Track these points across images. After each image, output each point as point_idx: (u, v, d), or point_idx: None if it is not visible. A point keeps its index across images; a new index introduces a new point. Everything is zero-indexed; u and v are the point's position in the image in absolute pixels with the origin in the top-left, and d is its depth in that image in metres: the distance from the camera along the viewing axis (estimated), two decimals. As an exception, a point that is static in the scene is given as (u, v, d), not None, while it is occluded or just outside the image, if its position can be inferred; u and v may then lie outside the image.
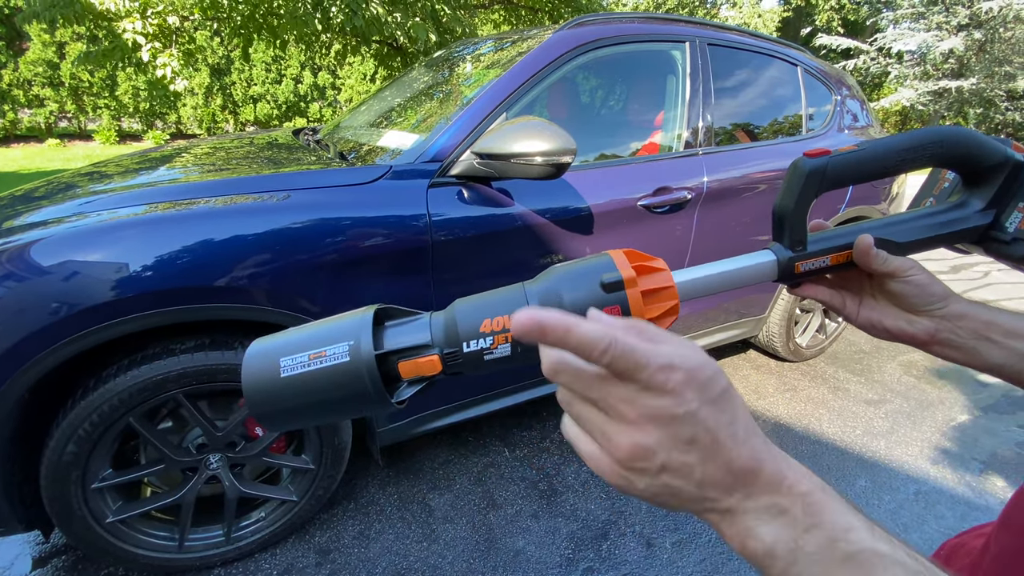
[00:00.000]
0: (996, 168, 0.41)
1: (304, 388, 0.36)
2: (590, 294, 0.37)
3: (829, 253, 0.43)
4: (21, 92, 9.64)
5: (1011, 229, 0.42)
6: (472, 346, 0.37)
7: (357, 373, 0.36)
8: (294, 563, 1.47)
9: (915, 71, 13.26)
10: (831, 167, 0.41)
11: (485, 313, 0.38)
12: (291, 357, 0.37)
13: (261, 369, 0.37)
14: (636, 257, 0.39)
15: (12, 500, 1.20)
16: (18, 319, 1.07)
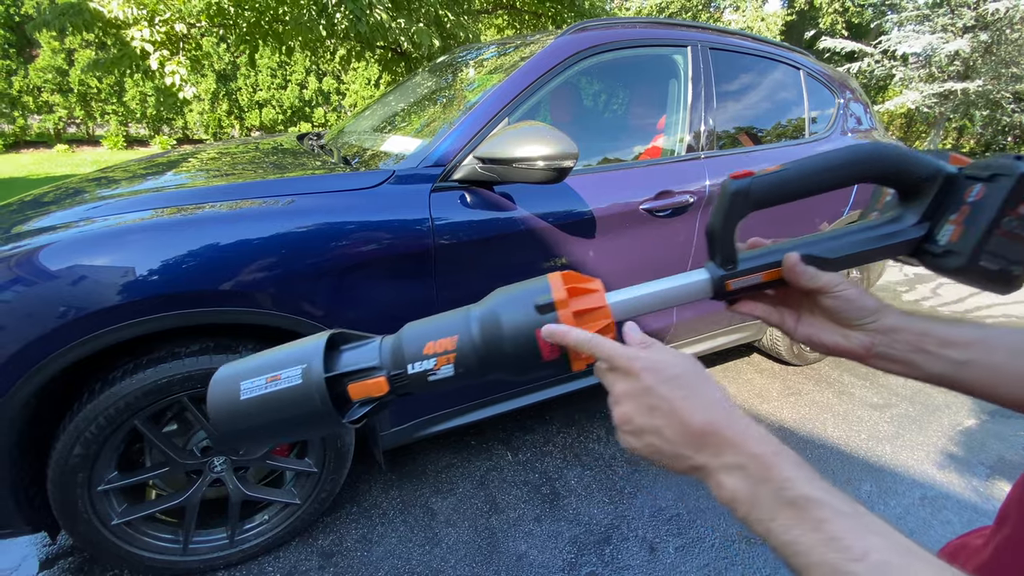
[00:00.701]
0: (927, 182, 0.42)
1: (262, 409, 0.39)
2: (526, 316, 0.40)
3: (760, 271, 0.44)
4: (31, 98, 9.75)
5: (943, 242, 0.42)
6: (416, 367, 0.40)
7: (309, 394, 0.38)
8: (297, 566, 1.47)
9: (920, 73, 13.20)
10: (754, 188, 0.42)
11: (429, 336, 0.40)
12: (250, 380, 0.39)
13: (224, 392, 0.39)
14: (572, 279, 0.41)
15: (19, 502, 1.21)
16: (27, 322, 1.08)
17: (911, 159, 0.41)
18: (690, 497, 1.77)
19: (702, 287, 0.44)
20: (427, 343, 0.40)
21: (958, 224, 0.40)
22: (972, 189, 0.39)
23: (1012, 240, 0.38)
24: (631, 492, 1.78)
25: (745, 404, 2.35)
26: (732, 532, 1.63)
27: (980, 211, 0.38)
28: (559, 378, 1.87)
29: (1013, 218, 0.37)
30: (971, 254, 0.40)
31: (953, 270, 0.41)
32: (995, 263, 0.39)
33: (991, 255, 0.39)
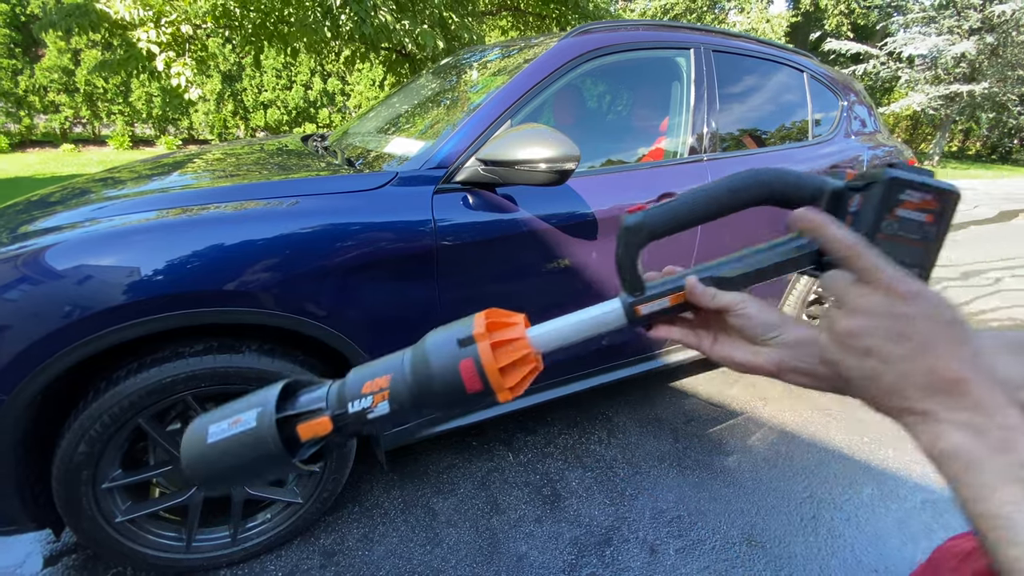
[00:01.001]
0: (814, 200, 0.43)
1: (224, 451, 0.42)
2: (450, 351, 0.42)
3: (666, 295, 0.45)
4: (37, 98, 9.81)
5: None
6: (356, 406, 0.42)
7: (262, 435, 0.41)
8: (299, 565, 1.48)
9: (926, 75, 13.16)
10: (646, 222, 0.44)
11: (367, 376, 0.43)
12: (217, 424, 0.43)
13: (194, 437, 0.43)
14: (494, 315, 0.44)
15: (24, 499, 1.22)
16: (33, 322, 1.09)
17: (790, 181, 0.43)
18: (691, 499, 1.77)
19: (617, 315, 0.46)
20: (365, 382, 0.42)
21: None
22: (853, 200, 0.41)
23: (896, 242, 0.39)
24: (632, 494, 1.78)
25: (747, 406, 2.35)
26: (733, 534, 1.63)
27: (860, 219, 0.40)
28: (560, 380, 1.88)
29: (892, 221, 0.39)
30: None
31: None
32: None
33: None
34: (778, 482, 1.88)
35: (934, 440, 0.31)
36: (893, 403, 0.33)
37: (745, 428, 2.20)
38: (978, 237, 6.05)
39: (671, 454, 2.00)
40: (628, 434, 2.11)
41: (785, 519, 1.71)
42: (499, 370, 0.42)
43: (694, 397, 2.41)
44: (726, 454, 2.02)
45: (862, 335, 0.34)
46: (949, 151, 17.06)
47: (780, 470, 1.94)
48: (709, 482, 1.86)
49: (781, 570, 1.52)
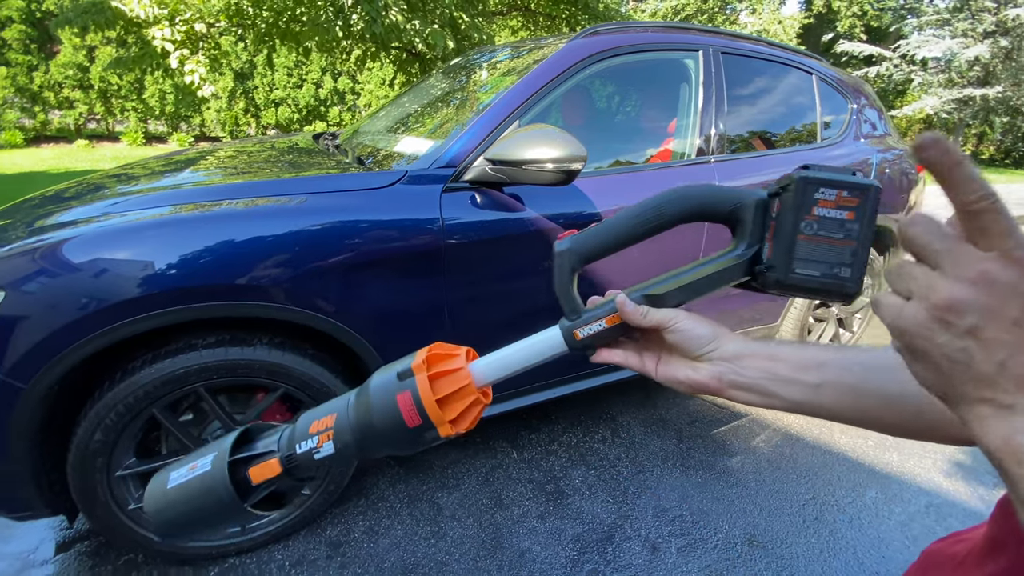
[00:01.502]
0: (739, 211, 0.43)
1: (182, 497, 0.42)
2: (390, 386, 0.42)
3: (602, 317, 0.45)
4: (52, 94, 9.96)
5: (764, 260, 0.42)
6: (303, 446, 0.42)
7: (215, 479, 0.42)
8: (306, 555, 1.51)
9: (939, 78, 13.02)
10: (574, 247, 0.44)
11: (315, 416, 0.43)
12: (176, 471, 0.43)
13: (157, 485, 0.43)
14: (438, 348, 0.44)
15: (40, 485, 1.26)
16: (50, 313, 1.13)
17: (713, 195, 0.43)
18: (694, 499, 1.78)
19: (557, 341, 0.46)
20: (312, 422, 0.42)
21: (770, 240, 0.42)
22: (773, 205, 0.41)
23: (820, 243, 0.38)
24: (635, 492, 1.80)
25: (752, 409, 2.36)
26: (735, 534, 1.64)
27: (781, 223, 0.40)
28: (563, 379, 1.89)
29: (811, 221, 0.38)
30: (782, 265, 0.40)
31: (773, 284, 0.42)
32: (814, 268, 0.40)
33: (804, 261, 0.40)
34: (781, 484, 1.88)
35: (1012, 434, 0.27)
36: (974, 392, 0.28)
37: (749, 430, 2.20)
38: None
39: (675, 454, 2.01)
40: (632, 434, 2.12)
41: (787, 520, 1.71)
42: (437, 402, 0.41)
43: (699, 399, 2.42)
44: (730, 455, 2.02)
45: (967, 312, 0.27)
46: (962, 155, 16.84)
47: (783, 472, 1.94)
48: (712, 482, 1.87)
49: (783, 571, 1.53)
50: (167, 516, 0.43)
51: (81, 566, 1.46)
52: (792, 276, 0.40)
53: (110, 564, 1.46)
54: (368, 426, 0.41)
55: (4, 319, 1.09)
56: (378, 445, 0.42)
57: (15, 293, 1.10)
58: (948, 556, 0.44)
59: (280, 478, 0.43)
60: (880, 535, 1.68)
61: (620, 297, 0.44)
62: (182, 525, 0.43)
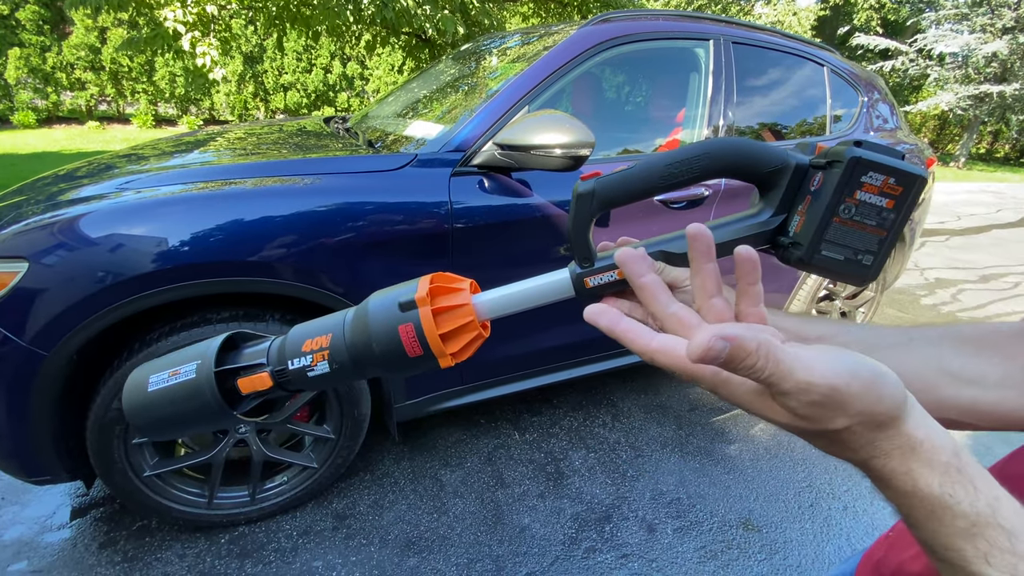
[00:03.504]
0: (777, 174, 0.40)
1: (163, 400, 0.43)
2: (391, 315, 0.41)
3: (614, 268, 0.43)
4: (64, 75, 10.00)
5: (791, 233, 0.41)
6: (296, 364, 0.42)
7: (200, 387, 0.42)
8: (312, 526, 1.56)
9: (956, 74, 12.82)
10: (598, 189, 0.41)
11: (308, 335, 0.43)
12: (157, 375, 0.44)
13: (135, 385, 0.44)
14: (440, 279, 0.43)
15: (60, 452, 1.31)
16: (69, 286, 1.16)
17: (756, 152, 0.40)
18: (691, 483, 1.81)
19: (564, 286, 0.44)
20: (305, 341, 0.42)
21: (802, 215, 0.40)
22: (815, 178, 0.38)
23: (852, 228, 0.36)
24: (633, 475, 1.83)
25: (752, 398, 2.38)
26: (731, 518, 1.68)
27: (818, 199, 0.38)
28: (568, 363, 1.93)
29: (851, 205, 0.36)
30: (809, 245, 0.39)
31: (796, 261, 0.40)
32: (839, 252, 0.38)
33: (832, 244, 0.38)
34: (778, 471, 1.91)
35: None
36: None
37: (748, 418, 2.23)
38: (1000, 241, 5.95)
39: (674, 440, 2.04)
40: (632, 419, 2.16)
41: (783, 506, 1.75)
42: (440, 336, 0.41)
43: (699, 387, 2.44)
44: (728, 442, 2.06)
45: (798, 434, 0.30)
46: (976, 153, 16.65)
47: (780, 460, 1.97)
48: (710, 468, 1.90)
49: (776, 553, 1.56)
50: (148, 417, 0.44)
51: (96, 531, 1.52)
52: (816, 257, 0.39)
53: (124, 529, 1.52)
54: (366, 351, 0.41)
55: (28, 290, 1.13)
56: (374, 368, 0.42)
57: (37, 265, 1.14)
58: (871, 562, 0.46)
59: (271, 391, 0.43)
60: (874, 522, 1.71)
61: (639, 250, 0.41)
62: (164, 427, 0.44)
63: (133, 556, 1.44)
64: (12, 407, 1.20)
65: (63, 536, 1.50)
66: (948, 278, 4.43)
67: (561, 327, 1.82)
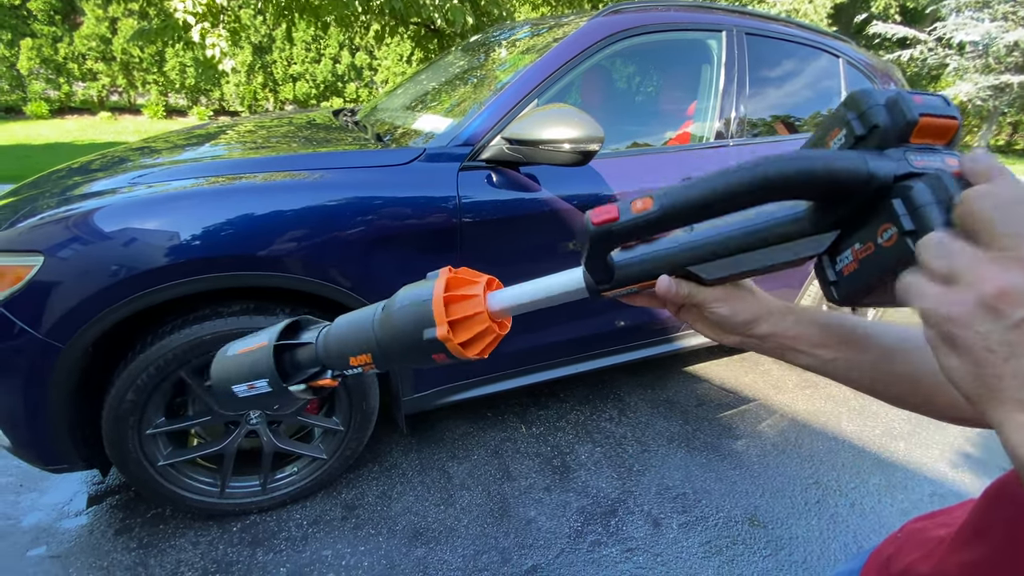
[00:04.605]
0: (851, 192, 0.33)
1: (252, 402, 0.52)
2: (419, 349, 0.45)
3: (635, 283, 0.42)
4: (76, 66, 10.07)
5: (838, 268, 0.36)
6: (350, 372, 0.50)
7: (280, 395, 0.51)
8: (322, 515, 1.58)
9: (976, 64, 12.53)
10: (616, 233, 0.37)
11: (348, 351, 0.49)
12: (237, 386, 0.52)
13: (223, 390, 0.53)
14: (456, 284, 0.46)
15: (76, 441, 1.33)
16: (83, 280, 1.18)
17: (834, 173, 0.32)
18: (697, 479, 1.82)
19: (578, 289, 0.44)
20: (350, 357, 0.49)
21: (857, 258, 0.34)
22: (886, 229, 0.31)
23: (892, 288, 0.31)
24: (640, 470, 1.84)
25: (760, 393, 2.38)
26: (736, 514, 1.68)
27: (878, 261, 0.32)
28: (577, 357, 1.93)
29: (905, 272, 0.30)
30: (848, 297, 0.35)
31: (829, 297, 0.37)
32: (873, 303, 0.36)
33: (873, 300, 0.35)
34: (785, 467, 1.91)
35: None
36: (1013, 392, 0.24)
37: (756, 414, 2.23)
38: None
39: (680, 435, 2.04)
40: (639, 413, 2.16)
41: (789, 502, 1.75)
42: (460, 345, 0.44)
43: (707, 382, 2.44)
44: (735, 438, 2.05)
45: None
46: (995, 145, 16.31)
47: (788, 456, 1.97)
48: (716, 463, 1.90)
49: (781, 550, 1.57)
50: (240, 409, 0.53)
51: (112, 518, 1.55)
52: (846, 303, 0.36)
53: (140, 516, 1.55)
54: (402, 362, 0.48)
55: (44, 283, 1.15)
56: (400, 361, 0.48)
57: (53, 259, 1.16)
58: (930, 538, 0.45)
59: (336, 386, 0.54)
60: (881, 521, 1.70)
61: (664, 283, 0.41)
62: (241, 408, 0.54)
63: (148, 543, 1.47)
64: (29, 398, 1.22)
65: (80, 522, 1.53)
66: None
67: (569, 322, 1.82)
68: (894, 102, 0.33)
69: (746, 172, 0.33)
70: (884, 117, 0.33)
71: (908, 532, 0.50)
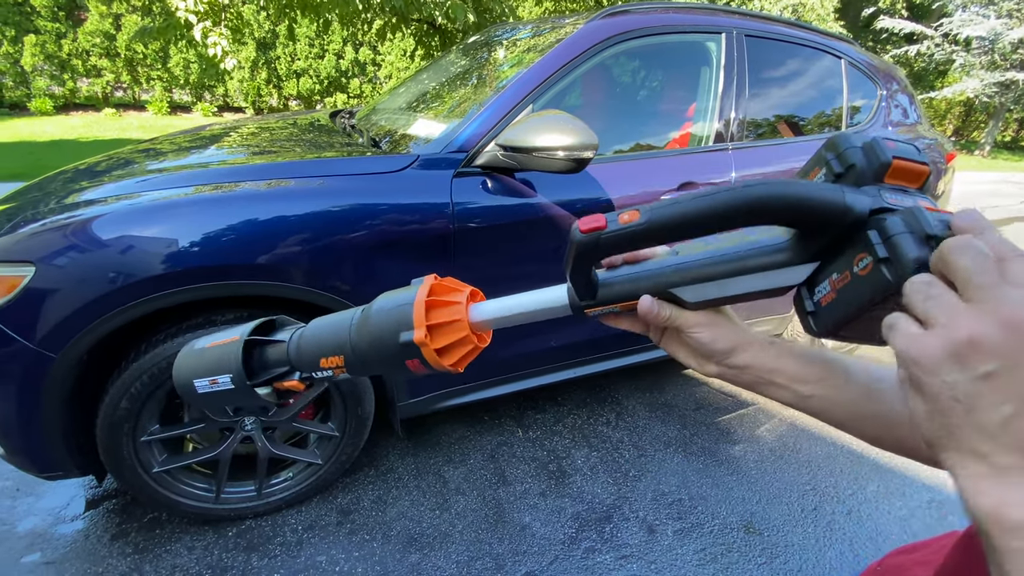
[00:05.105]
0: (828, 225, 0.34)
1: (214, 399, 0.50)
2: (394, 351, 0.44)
3: (618, 302, 0.43)
4: (80, 62, 10.07)
5: (816, 298, 0.37)
6: (319, 375, 0.49)
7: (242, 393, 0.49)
8: (317, 520, 1.59)
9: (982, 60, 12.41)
10: (602, 242, 0.38)
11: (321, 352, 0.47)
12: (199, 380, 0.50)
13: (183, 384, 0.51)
14: (448, 281, 0.46)
15: (71, 448, 1.34)
16: (80, 287, 1.18)
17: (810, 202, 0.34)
18: (694, 484, 1.81)
19: (561, 307, 0.44)
20: (321, 359, 0.47)
21: (835, 288, 0.35)
22: (862, 258, 0.32)
23: (874, 320, 0.31)
24: (636, 475, 1.84)
25: (759, 398, 2.35)
26: (732, 520, 1.68)
27: (858, 290, 0.33)
28: (574, 362, 1.92)
29: (889, 307, 0.31)
30: (827, 330, 0.36)
31: (807, 328, 0.38)
32: (852, 336, 0.36)
33: (852, 331, 0.35)
34: (782, 473, 1.90)
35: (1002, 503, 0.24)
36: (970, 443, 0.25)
37: (754, 419, 2.22)
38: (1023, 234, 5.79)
39: (677, 439, 2.04)
40: (636, 418, 2.15)
41: (786, 509, 1.74)
42: (436, 352, 0.44)
43: (706, 386, 2.43)
44: (733, 443, 2.05)
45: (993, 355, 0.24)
46: (1002, 141, 16.15)
47: (785, 461, 1.96)
48: (713, 469, 1.90)
49: (776, 557, 1.56)
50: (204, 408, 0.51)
51: (109, 522, 1.56)
52: (826, 336, 0.37)
53: (136, 521, 1.56)
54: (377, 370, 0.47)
55: (35, 292, 1.15)
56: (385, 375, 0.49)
57: (46, 268, 1.16)
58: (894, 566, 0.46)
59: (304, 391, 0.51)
60: (878, 528, 1.70)
61: (646, 303, 0.41)
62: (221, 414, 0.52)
63: (144, 548, 1.48)
64: (22, 406, 1.23)
65: (76, 528, 1.54)
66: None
67: (565, 327, 1.81)
68: (869, 146, 0.35)
69: (730, 193, 0.35)
70: (860, 158, 0.35)
71: (888, 568, 0.50)
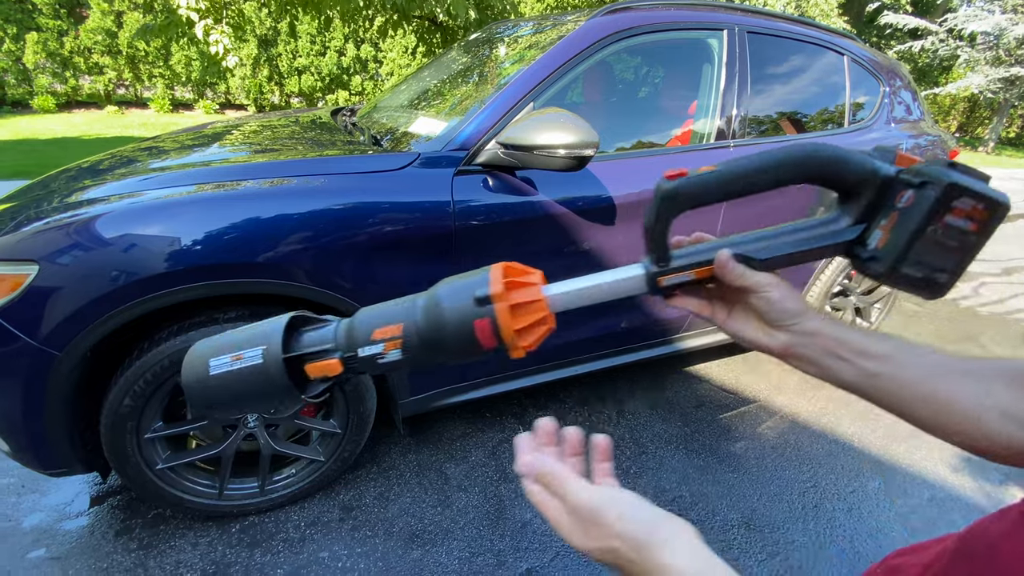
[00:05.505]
0: (863, 184, 0.41)
1: (228, 383, 0.43)
2: (466, 308, 0.41)
3: (692, 268, 0.44)
4: (82, 59, 10.08)
5: (871, 246, 0.41)
6: (366, 351, 0.42)
7: (268, 372, 0.42)
8: (320, 517, 1.60)
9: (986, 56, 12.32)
10: (682, 190, 0.41)
11: (377, 323, 0.43)
12: (217, 359, 0.43)
13: (194, 368, 0.44)
14: (512, 272, 0.43)
15: (75, 445, 1.35)
16: (83, 285, 1.19)
17: (845, 160, 0.41)
18: (694, 481, 1.82)
19: (637, 282, 0.45)
20: (375, 330, 0.43)
21: (886, 231, 0.40)
22: (903, 195, 0.39)
23: (935, 248, 0.37)
24: (636, 473, 1.84)
25: (761, 394, 2.37)
26: (733, 517, 1.68)
27: (907, 219, 0.38)
28: (577, 359, 1.93)
29: (939, 227, 0.37)
30: (892, 262, 0.40)
31: (874, 274, 0.42)
32: (918, 270, 0.40)
33: (915, 263, 0.39)
34: (783, 470, 1.91)
35: None
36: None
37: (756, 416, 2.22)
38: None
39: (678, 437, 2.04)
40: (637, 415, 2.16)
41: (786, 506, 1.74)
42: (515, 331, 0.41)
43: (707, 383, 2.44)
44: (734, 440, 2.05)
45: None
46: (1006, 137, 16.05)
47: (786, 458, 1.97)
48: (714, 466, 1.90)
49: (776, 555, 1.57)
50: (211, 399, 0.44)
51: (113, 518, 1.57)
52: (896, 275, 0.40)
53: (140, 518, 1.57)
54: (439, 342, 0.42)
55: (38, 290, 1.16)
56: (446, 357, 0.43)
57: (49, 266, 1.16)
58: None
59: (340, 376, 0.44)
60: (879, 525, 1.70)
61: (725, 253, 0.43)
62: (229, 407, 0.45)
63: (148, 544, 1.49)
64: (27, 403, 1.24)
65: (81, 524, 1.56)
66: (969, 270, 4.30)
67: (570, 324, 1.82)
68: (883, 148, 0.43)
69: (783, 149, 0.41)
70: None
71: (889, 569, 0.50)
